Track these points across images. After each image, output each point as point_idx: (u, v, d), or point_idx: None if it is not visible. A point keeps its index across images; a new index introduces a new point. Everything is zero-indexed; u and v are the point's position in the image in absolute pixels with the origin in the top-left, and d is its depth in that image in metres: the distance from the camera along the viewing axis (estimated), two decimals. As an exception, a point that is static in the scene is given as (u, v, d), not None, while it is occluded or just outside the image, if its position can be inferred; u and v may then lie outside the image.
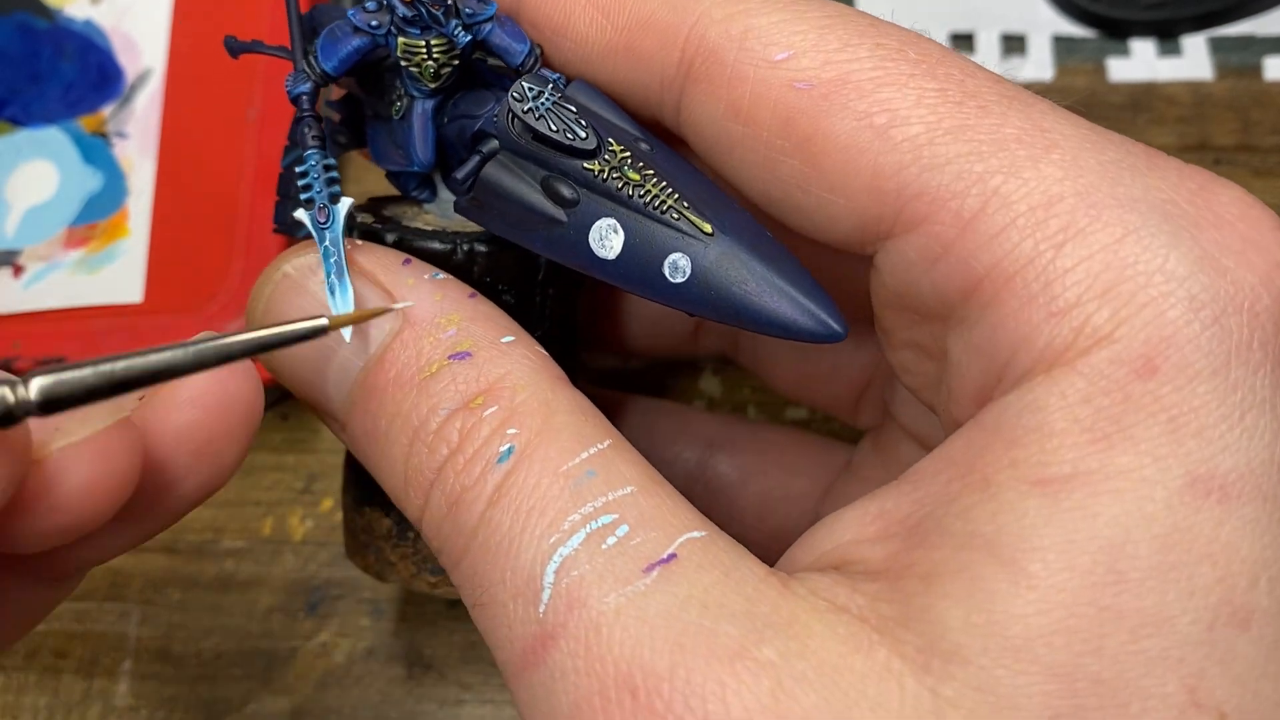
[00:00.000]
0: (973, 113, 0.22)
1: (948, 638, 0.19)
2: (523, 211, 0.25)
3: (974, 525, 0.20)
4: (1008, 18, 0.47)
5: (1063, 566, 0.19)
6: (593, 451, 0.23)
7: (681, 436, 0.36)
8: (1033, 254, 0.21)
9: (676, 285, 0.24)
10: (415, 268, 0.26)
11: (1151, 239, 0.21)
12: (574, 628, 0.21)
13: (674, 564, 0.21)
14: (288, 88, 0.27)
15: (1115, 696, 0.19)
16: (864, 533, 0.22)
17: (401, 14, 0.26)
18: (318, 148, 0.26)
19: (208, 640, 0.40)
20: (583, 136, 0.24)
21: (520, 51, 0.27)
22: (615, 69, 0.26)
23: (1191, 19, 0.46)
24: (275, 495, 0.43)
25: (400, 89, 0.28)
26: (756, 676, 0.19)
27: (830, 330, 0.23)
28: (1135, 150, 0.22)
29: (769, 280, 0.23)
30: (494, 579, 0.22)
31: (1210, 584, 0.19)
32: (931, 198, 0.22)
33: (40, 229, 0.45)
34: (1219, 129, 0.45)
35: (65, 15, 0.48)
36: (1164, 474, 0.19)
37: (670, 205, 0.24)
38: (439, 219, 0.29)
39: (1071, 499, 0.20)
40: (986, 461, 0.21)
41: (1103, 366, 0.20)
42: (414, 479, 0.24)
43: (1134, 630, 0.19)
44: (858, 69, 0.23)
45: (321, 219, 0.26)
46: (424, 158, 0.28)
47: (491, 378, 0.24)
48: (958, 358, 0.23)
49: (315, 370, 0.26)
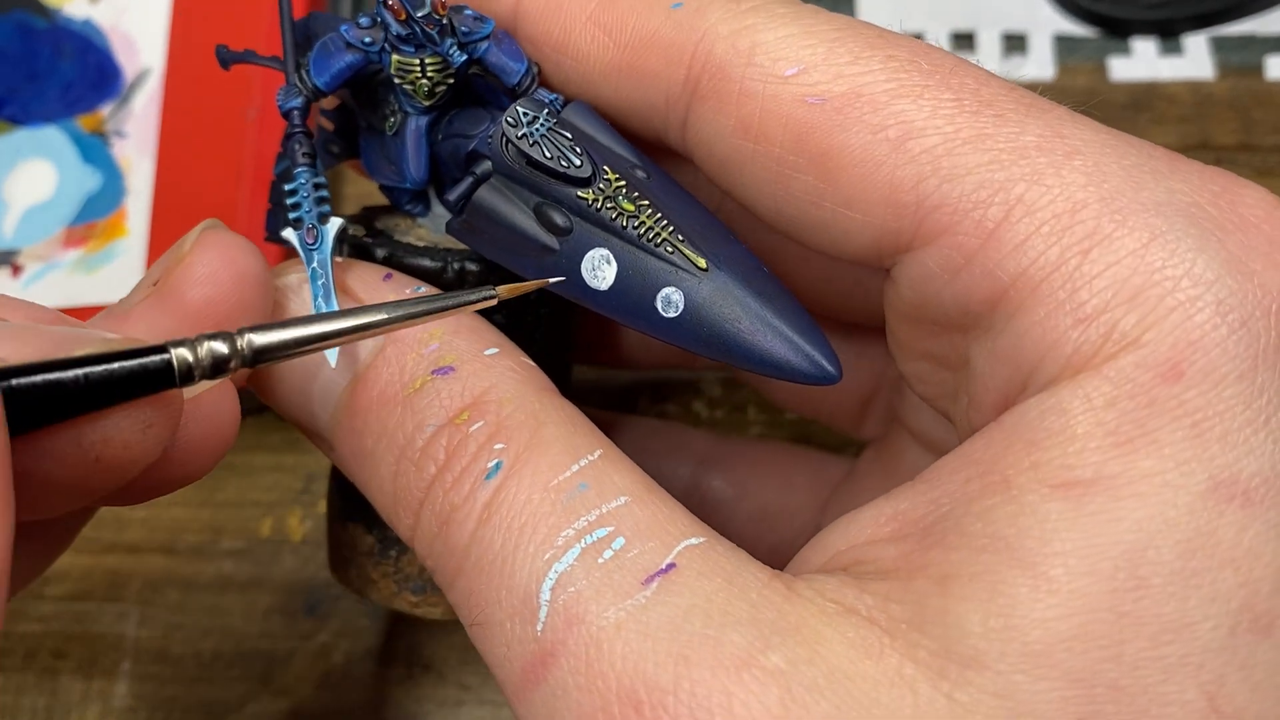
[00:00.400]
0: (990, 122, 0.22)
1: (965, 642, 0.19)
2: (515, 237, 0.25)
3: (994, 527, 0.20)
4: (1009, 17, 0.47)
5: (1084, 571, 0.19)
6: (584, 463, 0.22)
7: (674, 454, 0.36)
8: (1059, 261, 0.21)
9: (669, 320, 0.23)
10: (397, 282, 0.26)
11: (1178, 243, 0.21)
12: (573, 645, 0.20)
13: (674, 573, 0.21)
14: (279, 102, 0.26)
15: (1134, 703, 0.19)
16: (879, 533, 0.22)
17: (396, 32, 0.25)
18: (308, 165, 0.26)
19: (207, 641, 0.40)
20: (577, 164, 0.24)
21: (517, 71, 0.26)
22: (617, 87, 0.26)
23: (1193, 18, 0.46)
24: (274, 496, 0.43)
25: (394, 104, 0.27)
26: (764, 685, 0.19)
27: (824, 372, 0.23)
28: (1156, 154, 0.22)
29: (763, 318, 0.23)
30: (489, 599, 0.22)
31: (1232, 589, 0.19)
32: (953, 208, 0.22)
33: (39, 228, 0.45)
34: (1220, 128, 0.45)
35: (64, 15, 0.48)
36: (1187, 478, 0.19)
37: (664, 238, 0.24)
38: (432, 234, 0.28)
39: (1094, 503, 0.20)
40: (1008, 463, 0.21)
41: (1128, 371, 0.20)
42: (403, 498, 0.24)
43: (1154, 636, 0.19)
44: (870, 82, 0.23)
45: (310, 240, 0.26)
46: (417, 175, 0.27)
47: (476, 391, 0.24)
48: (981, 366, 0.23)
49: (300, 391, 0.26)
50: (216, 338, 0.20)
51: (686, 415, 0.43)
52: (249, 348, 0.21)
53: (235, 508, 0.42)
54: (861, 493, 0.33)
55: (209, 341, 0.20)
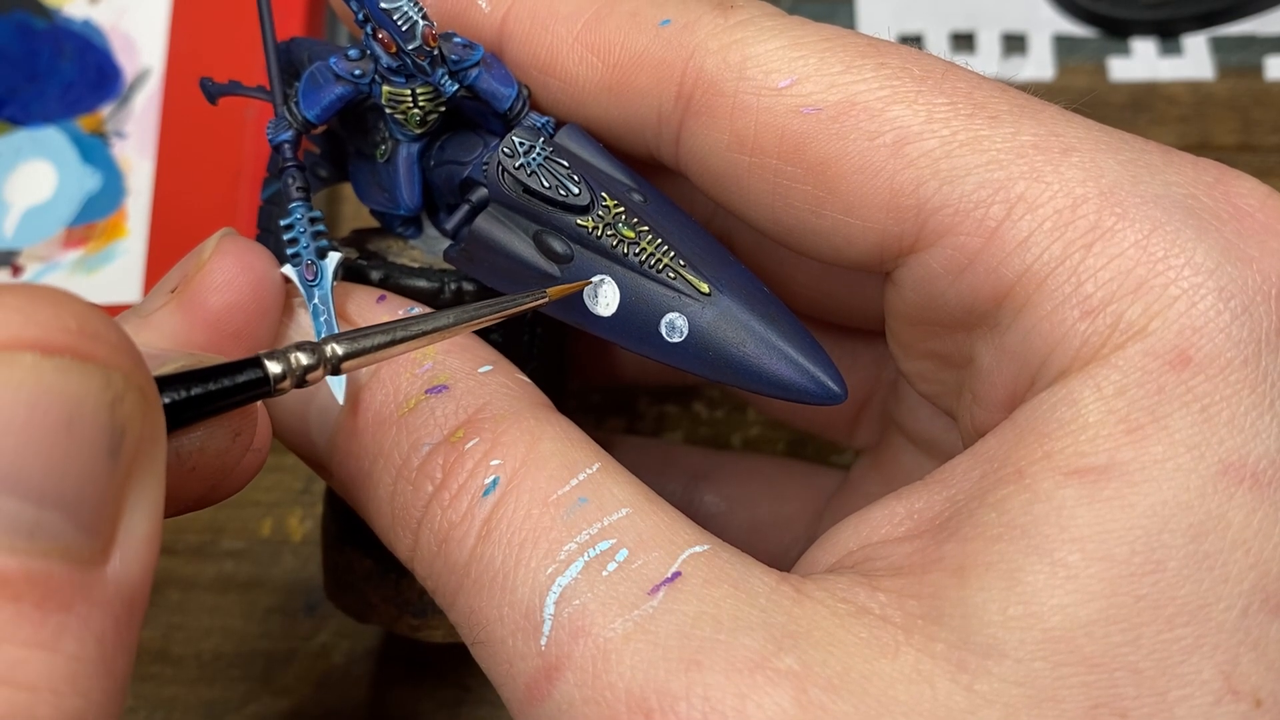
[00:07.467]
0: (985, 123, 0.23)
1: (985, 631, 0.19)
2: (515, 265, 0.25)
3: (1009, 516, 0.20)
4: (1008, 17, 0.47)
5: (1101, 556, 0.19)
6: (582, 477, 0.22)
7: (664, 472, 0.36)
8: (1063, 256, 0.21)
9: (674, 345, 0.24)
10: (391, 304, 0.26)
11: (1178, 233, 0.21)
12: (579, 657, 0.20)
13: (679, 582, 0.21)
14: (269, 135, 0.26)
15: (1153, 685, 0.19)
16: (893, 531, 0.22)
17: (386, 64, 0.25)
18: (302, 200, 0.26)
19: (207, 641, 0.40)
20: (575, 192, 0.24)
21: (508, 97, 0.26)
22: (608, 107, 0.26)
23: (1192, 18, 0.46)
24: (274, 496, 0.43)
25: (384, 130, 0.27)
26: (778, 687, 0.19)
27: (829, 392, 0.23)
28: (1150, 148, 0.23)
29: (767, 341, 0.23)
30: (491, 616, 0.22)
31: (1243, 571, 0.19)
32: (954, 209, 0.22)
33: (39, 229, 0.45)
34: (1220, 128, 0.45)
35: (64, 15, 0.48)
36: (1198, 463, 0.20)
37: (666, 264, 0.24)
38: (425, 255, 0.28)
39: (1108, 489, 0.20)
40: (1021, 455, 0.21)
41: (1136, 359, 0.20)
42: (401, 518, 0.24)
43: (1171, 619, 0.19)
44: (864, 90, 0.23)
45: (309, 276, 0.25)
46: (411, 203, 0.27)
47: (471, 409, 0.24)
48: (988, 363, 0.23)
49: (298, 417, 0.26)
50: (303, 348, 0.21)
51: (686, 415, 0.43)
52: (334, 356, 0.22)
53: (235, 508, 0.42)
54: (859, 499, 0.33)
55: (296, 352, 0.21)
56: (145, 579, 0.17)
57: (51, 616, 0.16)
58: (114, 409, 0.16)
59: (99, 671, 0.16)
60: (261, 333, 0.25)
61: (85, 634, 0.16)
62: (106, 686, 0.16)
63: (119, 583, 0.17)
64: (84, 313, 0.16)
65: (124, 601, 0.17)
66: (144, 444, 0.17)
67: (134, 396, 0.17)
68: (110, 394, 0.16)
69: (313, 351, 0.21)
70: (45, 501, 0.16)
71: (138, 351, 0.17)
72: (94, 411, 0.16)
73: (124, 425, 0.17)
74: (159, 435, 0.18)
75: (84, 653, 0.16)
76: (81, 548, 0.16)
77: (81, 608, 0.16)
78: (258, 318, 0.25)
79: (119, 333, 0.17)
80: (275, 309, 0.25)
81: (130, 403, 0.17)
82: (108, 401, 0.16)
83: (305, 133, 0.27)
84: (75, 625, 0.16)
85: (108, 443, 0.16)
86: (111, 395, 0.16)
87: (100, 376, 0.16)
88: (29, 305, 0.16)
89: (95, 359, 0.16)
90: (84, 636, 0.16)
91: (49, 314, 0.16)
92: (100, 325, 0.17)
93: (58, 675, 0.16)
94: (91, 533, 0.16)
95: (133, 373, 0.17)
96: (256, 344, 0.25)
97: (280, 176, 0.26)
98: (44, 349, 0.16)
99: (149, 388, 0.17)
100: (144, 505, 0.17)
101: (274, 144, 0.26)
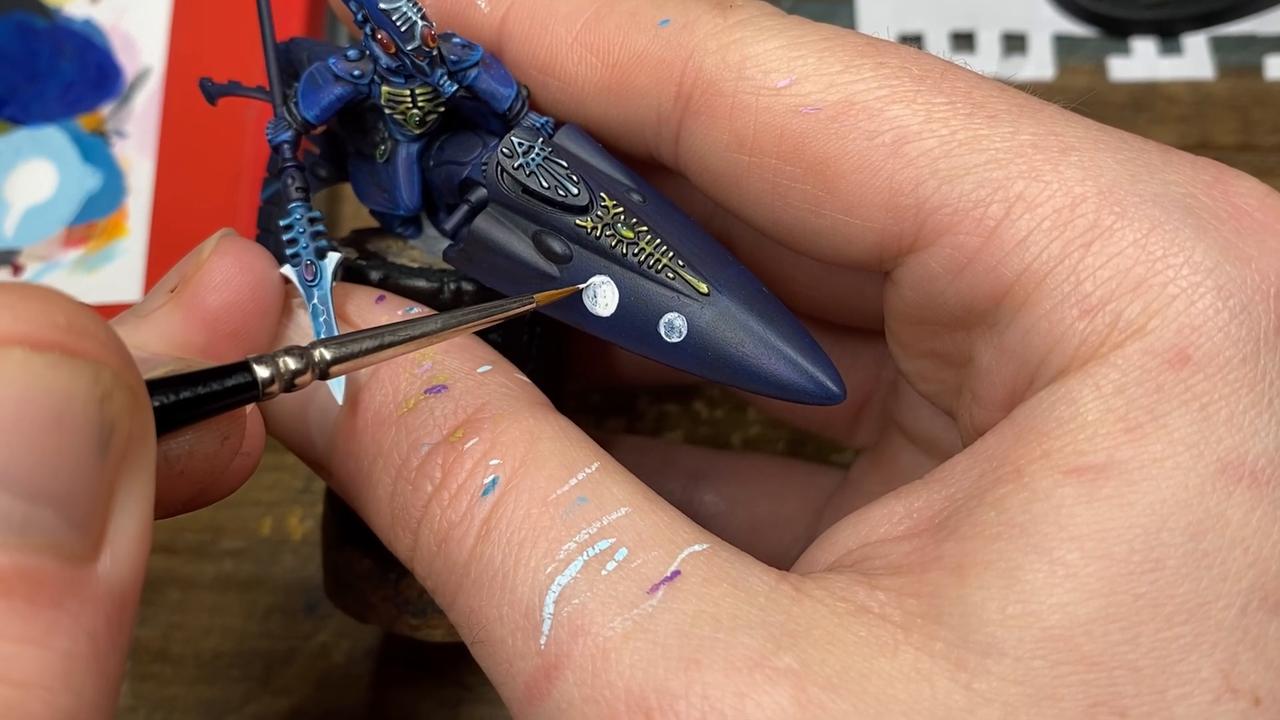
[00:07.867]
0: (984, 123, 0.23)
1: (983, 630, 0.19)
2: (514, 265, 0.25)
3: (1008, 515, 0.20)
4: (1008, 17, 0.47)
5: (1100, 554, 0.19)
6: (581, 477, 0.22)
7: (663, 472, 0.36)
8: (1062, 254, 0.21)
9: (672, 345, 0.24)
10: (390, 304, 0.26)
11: (1176, 232, 0.21)
12: (578, 656, 0.20)
13: (679, 581, 0.21)
14: (268, 136, 0.26)
15: (1152, 683, 0.19)
16: (892, 530, 0.22)
17: (385, 64, 0.25)
18: (302, 200, 0.26)
19: (207, 640, 0.40)
20: (574, 192, 0.24)
21: (507, 97, 0.26)
22: (607, 107, 0.26)
23: (1192, 18, 0.46)
24: (274, 495, 0.43)
25: (383, 131, 0.27)
26: (778, 685, 0.19)
27: (828, 392, 0.23)
28: (1148, 147, 0.23)
29: (766, 341, 0.23)
30: (490, 615, 0.22)
31: (1242, 569, 0.19)
32: (953, 209, 0.22)
33: (39, 228, 0.45)
34: (1220, 128, 0.45)
35: (64, 14, 0.48)
36: (1197, 461, 0.20)
37: (665, 264, 0.24)
38: (424, 255, 0.28)
39: (1107, 487, 0.20)
40: (1019, 454, 0.21)
41: (1135, 358, 0.20)
42: (401, 518, 0.24)
43: (1170, 617, 0.19)
44: (863, 89, 0.23)
45: (309, 276, 0.25)
46: (410, 203, 0.27)
47: (470, 409, 0.24)
48: (987, 362, 0.23)
49: (298, 418, 0.26)
50: (291, 353, 0.21)
51: (686, 415, 0.43)
52: (321, 361, 0.21)
53: (235, 507, 0.42)
54: (859, 498, 0.33)
55: (284, 357, 0.21)
56: (136, 578, 0.17)
57: (43, 612, 0.16)
58: (103, 405, 0.16)
59: (92, 669, 0.16)
60: (260, 333, 0.25)
61: (77, 630, 0.16)
62: (99, 684, 0.16)
63: (110, 581, 0.17)
64: (73, 310, 0.16)
65: (115, 600, 0.17)
66: (133, 441, 0.17)
67: (123, 393, 0.17)
68: (99, 390, 0.16)
69: (301, 356, 0.21)
70: (36, 497, 0.16)
71: (126, 350, 0.17)
72: (83, 407, 0.16)
73: (113, 422, 0.17)
74: (148, 433, 0.18)
75: (76, 649, 0.16)
76: (72, 544, 0.16)
77: (73, 604, 0.16)
78: (256, 318, 0.25)
79: (108, 330, 0.17)
80: (274, 309, 0.25)
81: (119, 399, 0.17)
82: (97, 397, 0.16)
83: (305, 133, 0.27)
84: (67, 622, 0.16)
85: (97, 438, 0.16)
86: (100, 391, 0.16)
87: (89, 372, 0.16)
88: (18, 302, 0.16)
89: (84, 355, 0.16)
90: (76, 633, 0.16)
91: (38, 310, 0.16)
92: (89, 322, 0.16)
93: (50, 672, 0.15)
94: (82, 529, 0.16)
95: (121, 370, 0.17)
96: (255, 344, 0.25)
97: (280, 176, 0.26)
98: (33, 344, 0.16)
99: (138, 385, 0.17)
100: (133, 503, 0.17)
101: (273, 144, 0.26)
